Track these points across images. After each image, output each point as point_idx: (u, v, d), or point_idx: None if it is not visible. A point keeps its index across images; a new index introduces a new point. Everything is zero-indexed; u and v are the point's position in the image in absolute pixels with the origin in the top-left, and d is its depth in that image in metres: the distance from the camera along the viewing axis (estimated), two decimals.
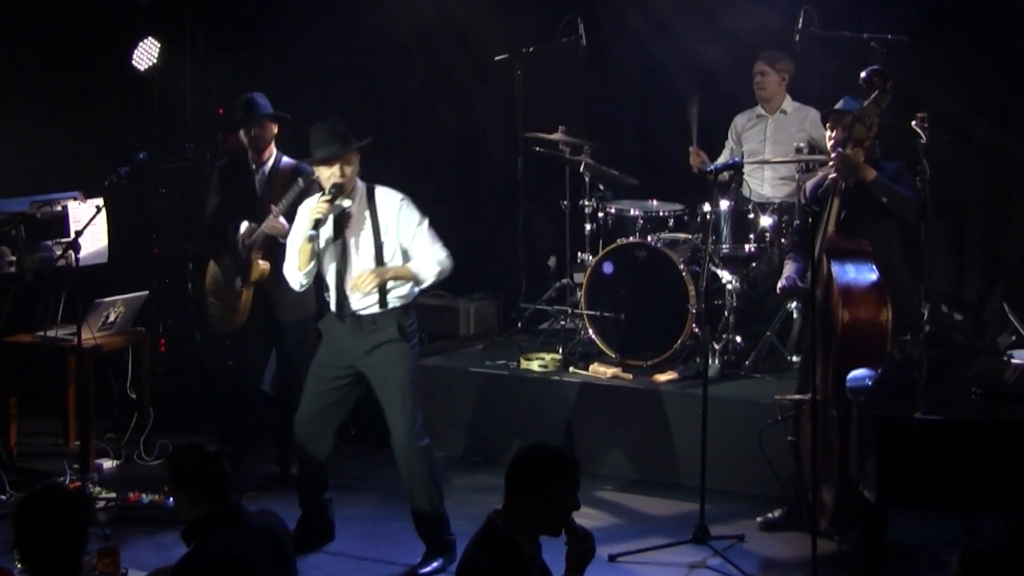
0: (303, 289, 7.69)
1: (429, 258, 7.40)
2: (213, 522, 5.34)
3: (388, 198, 7.45)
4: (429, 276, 7.43)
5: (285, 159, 8.64)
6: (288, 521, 5.87)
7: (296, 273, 7.52)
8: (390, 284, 7.39)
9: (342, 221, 7.42)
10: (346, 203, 7.41)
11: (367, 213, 7.41)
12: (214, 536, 5.30)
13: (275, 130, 8.66)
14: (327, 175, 7.36)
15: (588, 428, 9.11)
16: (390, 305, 7.41)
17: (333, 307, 7.53)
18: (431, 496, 7.51)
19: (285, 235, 8.10)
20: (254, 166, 8.66)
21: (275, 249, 8.31)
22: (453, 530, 7.60)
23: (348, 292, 7.42)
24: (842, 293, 7.20)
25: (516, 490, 5.25)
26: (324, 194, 7.35)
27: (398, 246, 7.40)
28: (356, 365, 7.51)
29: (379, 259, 7.38)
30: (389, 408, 7.47)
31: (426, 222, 7.45)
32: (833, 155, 7.59)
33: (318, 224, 7.31)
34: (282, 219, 8.23)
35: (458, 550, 7.22)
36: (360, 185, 7.47)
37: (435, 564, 7.49)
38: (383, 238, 7.38)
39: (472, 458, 9.30)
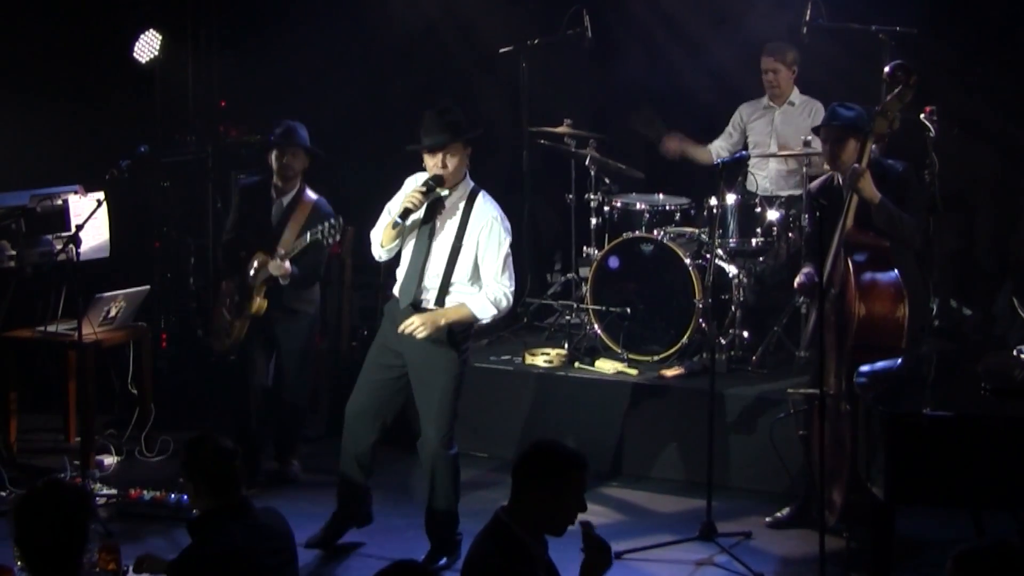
0: (381, 261, 7.62)
1: (490, 292, 7.22)
2: (219, 516, 5.37)
3: (484, 208, 7.28)
4: (486, 316, 7.28)
5: (309, 192, 8.57)
6: (290, 517, 5.77)
7: (378, 247, 7.46)
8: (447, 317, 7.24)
9: (435, 211, 7.29)
10: (442, 193, 7.27)
11: (460, 213, 7.26)
12: (218, 530, 5.33)
13: (306, 163, 8.58)
14: (431, 164, 7.24)
15: (593, 424, 9.06)
16: (447, 306, 7.28)
17: (397, 292, 7.42)
18: (449, 501, 7.44)
19: (287, 278, 8.21)
20: (275, 194, 8.60)
21: (278, 286, 8.39)
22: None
23: (416, 292, 7.29)
24: (859, 287, 7.18)
25: (521, 486, 5.22)
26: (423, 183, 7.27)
27: (473, 258, 7.26)
28: (404, 355, 7.37)
29: (451, 262, 7.25)
30: (424, 412, 7.38)
31: (507, 248, 7.26)
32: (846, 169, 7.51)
33: (407, 213, 7.20)
34: (288, 263, 8.24)
35: (463, 547, 7.22)
36: (467, 183, 7.33)
37: (440, 562, 7.44)
38: (463, 243, 7.25)
39: (476, 454, 9.22)
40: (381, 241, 7.40)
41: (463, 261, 7.25)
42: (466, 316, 7.24)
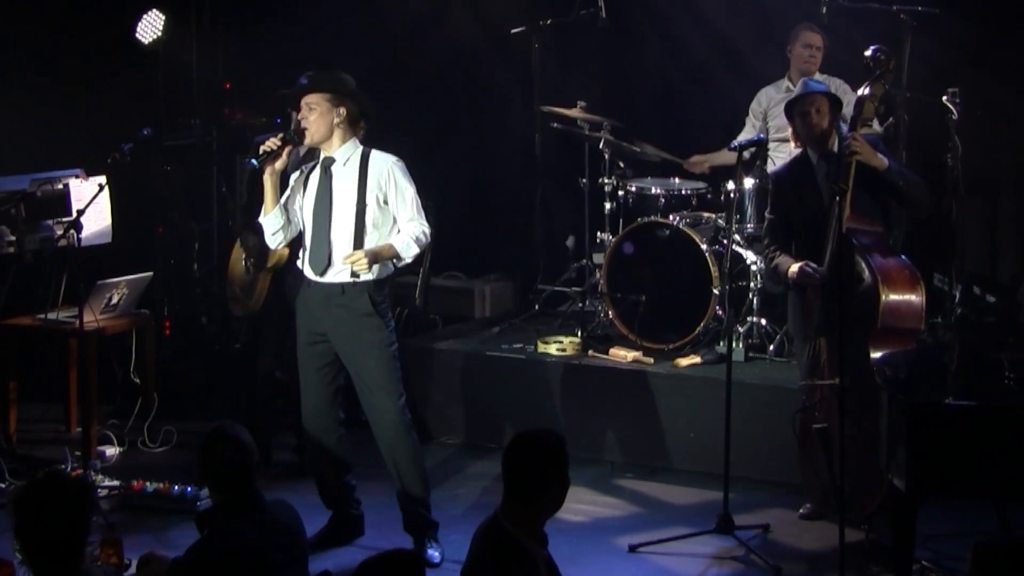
0: (275, 243, 7.47)
1: (409, 232, 7.19)
2: (228, 511, 5.42)
3: (380, 160, 7.26)
4: (408, 255, 7.23)
5: None
6: (302, 510, 5.80)
7: (263, 220, 7.38)
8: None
9: (328, 180, 7.25)
10: (292, 142, 7.28)
11: (356, 176, 7.22)
12: (227, 525, 5.37)
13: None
14: (300, 115, 7.28)
15: (608, 414, 8.99)
16: (361, 277, 7.20)
17: (306, 271, 7.36)
18: (422, 476, 7.37)
19: None
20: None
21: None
22: (464, 520, 7.53)
23: (328, 256, 7.24)
24: (881, 273, 7.21)
25: (521, 488, 5.16)
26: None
27: (379, 211, 7.20)
28: (328, 335, 7.33)
29: (359, 224, 7.19)
30: (368, 387, 7.30)
31: (413, 189, 7.24)
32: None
33: (261, 156, 7.17)
34: None
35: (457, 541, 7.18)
36: (354, 145, 7.28)
37: (435, 551, 7.33)
38: (367, 201, 7.20)
39: (487, 445, 9.15)
40: (263, 209, 7.35)
41: (371, 217, 7.21)
42: (392, 254, 7.20)
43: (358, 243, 7.18)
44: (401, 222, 7.22)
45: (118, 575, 5.93)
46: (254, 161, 7.21)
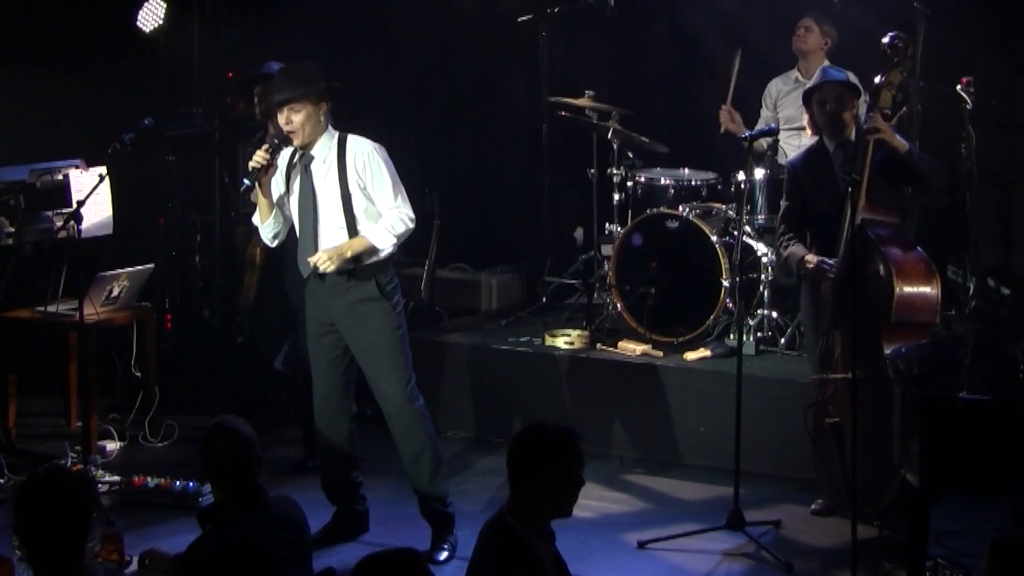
0: (275, 244, 7.46)
1: (386, 221, 7.11)
2: (231, 506, 5.39)
3: (358, 147, 7.17)
4: (386, 245, 7.14)
5: None
6: (306, 506, 5.78)
7: (260, 227, 7.34)
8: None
9: (308, 174, 7.18)
10: (286, 148, 7.17)
11: (335, 163, 7.15)
12: (230, 521, 5.35)
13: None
14: (281, 121, 7.15)
15: (616, 408, 8.94)
16: (364, 261, 7.15)
17: (300, 268, 7.34)
18: (433, 465, 7.32)
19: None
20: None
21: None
22: (472, 516, 7.43)
23: (314, 248, 7.17)
24: (895, 265, 7.16)
25: (523, 480, 5.11)
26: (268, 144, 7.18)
27: (364, 197, 7.13)
28: (336, 324, 7.28)
29: (347, 213, 7.13)
30: (376, 372, 7.26)
31: (392, 175, 7.15)
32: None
33: (253, 174, 7.11)
34: None
35: (463, 536, 7.19)
36: (331, 134, 7.20)
37: (445, 547, 7.31)
38: (350, 190, 7.13)
39: (493, 439, 9.09)
40: (260, 218, 7.32)
41: (358, 205, 7.14)
42: (367, 247, 7.12)
43: (352, 234, 7.13)
44: (381, 210, 7.14)
45: (119, 572, 5.84)
46: (246, 181, 7.15)
